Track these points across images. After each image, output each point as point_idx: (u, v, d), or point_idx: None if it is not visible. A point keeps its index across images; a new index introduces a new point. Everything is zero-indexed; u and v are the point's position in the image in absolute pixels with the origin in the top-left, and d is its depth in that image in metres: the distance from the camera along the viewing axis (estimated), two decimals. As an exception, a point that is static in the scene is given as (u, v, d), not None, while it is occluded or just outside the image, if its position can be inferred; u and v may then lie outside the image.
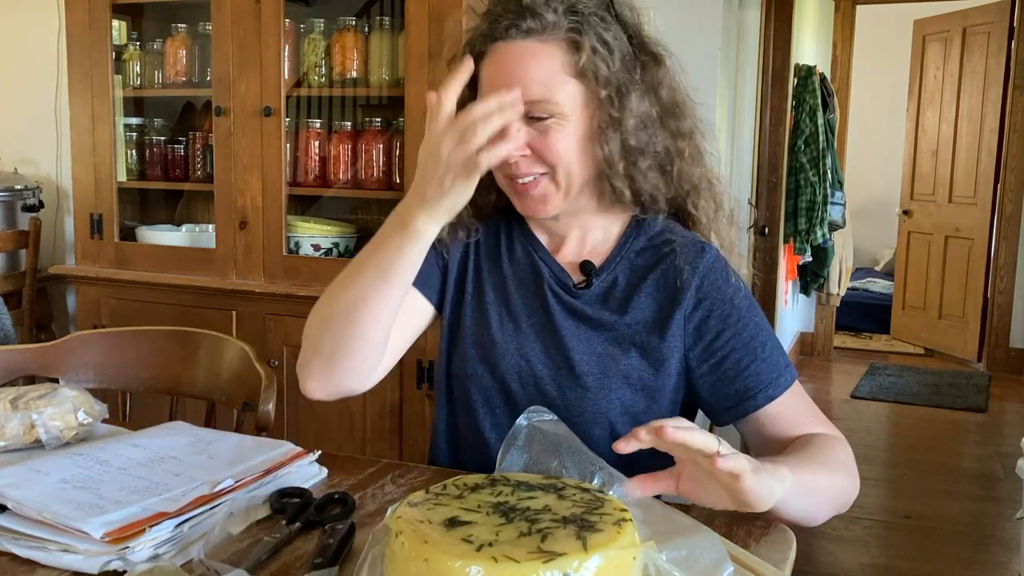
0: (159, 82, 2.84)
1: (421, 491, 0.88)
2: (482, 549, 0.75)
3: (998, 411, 4.68)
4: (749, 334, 1.16)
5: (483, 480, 0.90)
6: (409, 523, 0.80)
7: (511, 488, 0.88)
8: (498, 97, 0.98)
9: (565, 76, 1.13)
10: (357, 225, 2.75)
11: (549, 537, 0.77)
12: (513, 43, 1.14)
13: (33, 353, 1.69)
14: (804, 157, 4.49)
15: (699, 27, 2.59)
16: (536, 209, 1.19)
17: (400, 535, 0.78)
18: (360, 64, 2.57)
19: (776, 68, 3.90)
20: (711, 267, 1.18)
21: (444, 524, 0.80)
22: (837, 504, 1.09)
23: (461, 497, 0.86)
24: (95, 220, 2.78)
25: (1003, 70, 5.29)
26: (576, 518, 0.81)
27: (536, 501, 0.85)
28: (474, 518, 0.81)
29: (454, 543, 0.76)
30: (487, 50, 1.15)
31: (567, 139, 1.14)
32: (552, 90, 1.13)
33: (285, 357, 2.53)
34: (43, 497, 1.00)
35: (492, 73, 1.15)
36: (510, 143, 1.00)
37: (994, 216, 5.38)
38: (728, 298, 1.17)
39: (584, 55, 1.13)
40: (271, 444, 1.22)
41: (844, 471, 1.10)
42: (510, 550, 0.75)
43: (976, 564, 2.93)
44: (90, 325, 2.72)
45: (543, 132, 1.14)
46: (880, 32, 6.77)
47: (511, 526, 0.80)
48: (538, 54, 1.13)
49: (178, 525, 0.97)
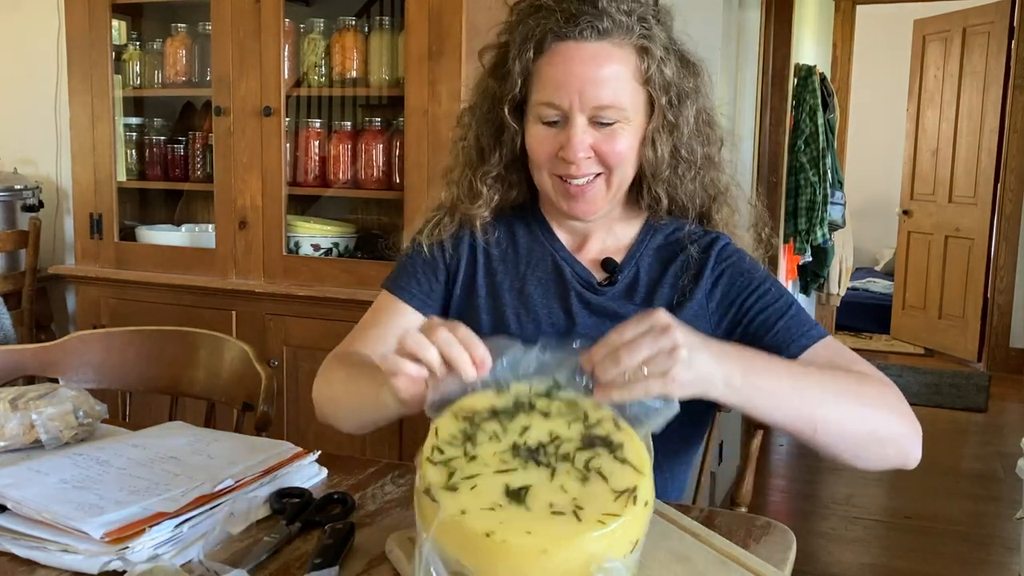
0: (159, 82, 2.83)
1: (431, 448, 0.86)
2: (577, 515, 0.78)
3: (998, 411, 4.68)
4: (773, 297, 1.17)
5: (488, 408, 0.89)
6: (486, 515, 0.78)
7: (514, 416, 0.88)
8: (472, 363, 0.89)
9: (633, 82, 1.14)
10: (357, 225, 2.75)
11: (603, 472, 0.83)
12: (586, 44, 1.12)
13: (33, 353, 1.68)
14: (804, 157, 4.49)
15: (699, 27, 2.57)
16: (586, 211, 1.20)
17: (492, 535, 0.76)
18: (360, 64, 2.57)
19: (776, 68, 3.90)
20: (723, 248, 1.22)
21: (507, 496, 0.80)
22: (858, 425, 1.01)
23: (477, 442, 0.86)
24: (95, 220, 2.78)
25: (1003, 70, 5.29)
26: (595, 438, 0.85)
27: (543, 429, 0.87)
28: (525, 479, 0.82)
29: (548, 521, 0.78)
30: (552, 47, 1.13)
31: (628, 142, 1.16)
32: (622, 95, 1.13)
33: (285, 357, 2.52)
34: (43, 497, 1.00)
35: (561, 73, 1.13)
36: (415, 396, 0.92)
37: (994, 216, 5.38)
38: (745, 270, 1.20)
39: (652, 62, 1.14)
40: (271, 444, 1.22)
41: (874, 394, 1.03)
42: (599, 504, 0.80)
43: (976, 564, 2.93)
44: (90, 325, 2.72)
45: (608, 135, 1.14)
46: (880, 32, 6.77)
47: (561, 474, 0.82)
48: (612, 57, 1.12)
49: (178, 525, 0.97)
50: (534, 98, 1.16)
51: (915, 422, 1.05)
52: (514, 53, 1.16)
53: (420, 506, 0.83)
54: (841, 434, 1.01)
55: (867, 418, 1.02)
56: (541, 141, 1.16)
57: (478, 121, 1.24)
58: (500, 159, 1.23)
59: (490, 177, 1.23)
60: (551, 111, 1.14)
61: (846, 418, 1.01)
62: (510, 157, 1.22)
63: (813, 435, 1.00)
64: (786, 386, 0.98)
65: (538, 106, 1.15)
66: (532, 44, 1.14)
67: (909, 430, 1.04)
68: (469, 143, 1.25)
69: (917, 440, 1.05)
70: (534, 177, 1.22)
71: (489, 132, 1.23)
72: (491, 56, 1.23)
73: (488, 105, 1.22)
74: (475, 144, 1.24)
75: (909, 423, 1.05)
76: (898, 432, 1.04)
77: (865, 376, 1.07)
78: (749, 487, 1.28)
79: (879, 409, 1.03)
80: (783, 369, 1.01)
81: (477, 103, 1.25)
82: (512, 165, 1.24)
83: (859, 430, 1.02)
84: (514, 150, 1.21)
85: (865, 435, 1.02)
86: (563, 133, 1.14)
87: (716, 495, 3.01)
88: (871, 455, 1.04)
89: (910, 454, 1.05)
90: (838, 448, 1.02)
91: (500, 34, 1.22)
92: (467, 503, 0.79)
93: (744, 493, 1.28)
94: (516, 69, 1.15)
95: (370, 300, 2.45)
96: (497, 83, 1.20)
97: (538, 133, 1.17)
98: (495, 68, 1.21)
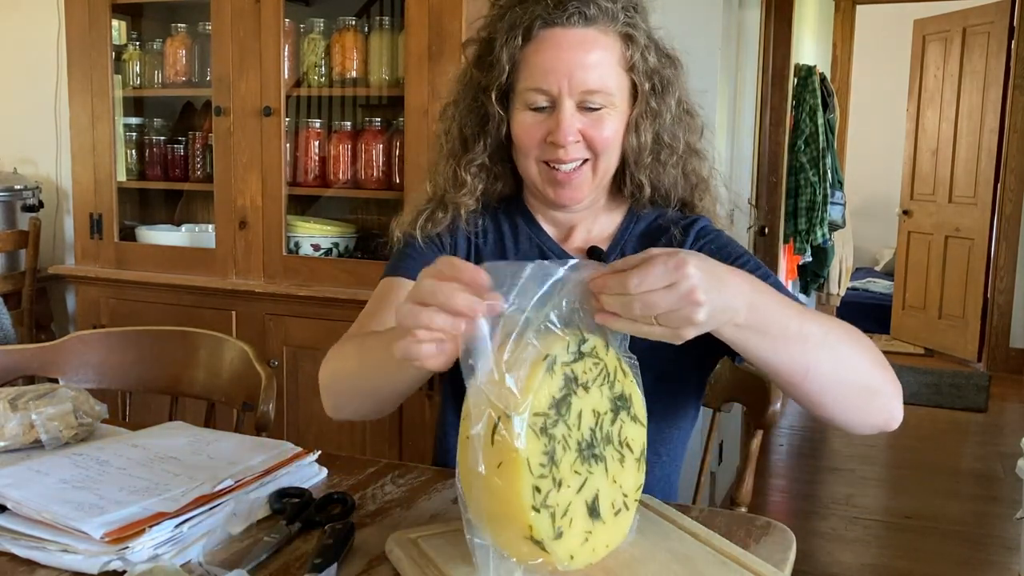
0: (159, 82, 2.83)
1: (531, 491, 0.79)
2: (627, 505, 0.88)
3: (998, 411, 4.68)
4: (750, 269, 1.10)
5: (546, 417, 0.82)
6: (584, 550, 0.85)
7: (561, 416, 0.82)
8: (482, 301, 0.80)
9: (618, 68, 1.16)
10: (357, 225, 2.75)
11: (629, 442, 0.89)
12: (573, 30, 1.14)
13: (33, 353, 1.68)
14: (804, 157, 4.49)
15: (699, 27, 2.58)
16: (572, 197, 1.20)
17: (591, 564, 0.86)
18: (360, 64, 2.57)
19: (776, 68, 3.90)
20: (703, 228, 1.23)
21: (589, 515, 0.85)
22: (850, 373, 0.98)
23: (558, 461, 0.82)
24: (95, 220, 2.78)
25: (1003, 70, 5.30)
26: (617, 400, 0.88)
27: (588, 410, 0.84)
28: (594, 485, 0.85)
29: (615, 523, 0.87)
30: (540, 34, 1.15)
31: (614, 128, 1.17)
32: (608, 80, 1.15)
33: (285, 357, 2.52)
34: (43, 497, 1.00)
35: (549, 59, 1.14)
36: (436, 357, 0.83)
37: (994, 216, 5.38)
38: (723, 246, 1.21)
39: (636, 49, 1.16)
40: (271, 444, 1.22)
41: (866, 345, 1.00)
42: (632, 480, 0.88)
43: (976, 564, 2.93)
44: (90, 325, 2.72)
45: (596, 120, 1.16)
46: (880, 32, 6.78)
47: (609, 462, 0.86)
48: (599, 43, 1.14)
49: (178, 525, 0.97)
50: (521, 85, 1.17)
51: (896, 380, 1.03)
52: (500, 42, 1.17)
53: (515, 545, 0.81)
54: (831, 380, 0.97)
55: (857, 367, 0.99)
56: (528, 128, 1.17)
57: (461, 113, 1.25)
58: (484, 148, 1.23)
59: (474, 165, 1.24)
60: (539, 96, 1.15)
61: (838, 365, 0.97)
62: (494, 146, 1.23)
63: (802, 380, 0.95)
64: (793, 328, 0.93)
65: (526, 92, 1.16)
66: (520, 31, 1.15)
67: (891, 386, 1.02)
68: (453, 134, 1.26)
69: (898, 399, 1.02)
70: (520, 166, 1.23)
71: (473, 122, 1.23)
72: (475, 48, 1.24)
73: (472, 95, 1.23)
74: (459, 135, 1.25)
75: (891, 379, 1.02)
76: (882, 385, 1.01)
77: (850, 327, 1.03)
78: (749, 487, 1.28)
79: (865, 357, 1.00)
80: (793, 310, 0.94)
81: (460, 95, 1.25)
82: (496, 155, 1.24)
83: (849, 378, 0.98)
84: (499, 139, 1.22)
85: (853, 384, 0.99)
86: (551, 118, 1.15)
87: (716, 495, 3.01)
88: (855, 407, 1.00)
89: (893, 411, 1.02)
90: (823, 397, 0.98)
91: (482, 29, 1.23)
92: (572, 546, 0.83)
93: (744, 493, 1.28)
94: (503, 57, 1.16)
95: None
96: (482, 73, 1.20)
97: (525, 120, 1.17)
98: (479, 59, 1.22)
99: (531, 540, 0.80)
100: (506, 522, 0.81)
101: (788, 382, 0.97)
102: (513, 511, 0.79)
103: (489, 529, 0.82)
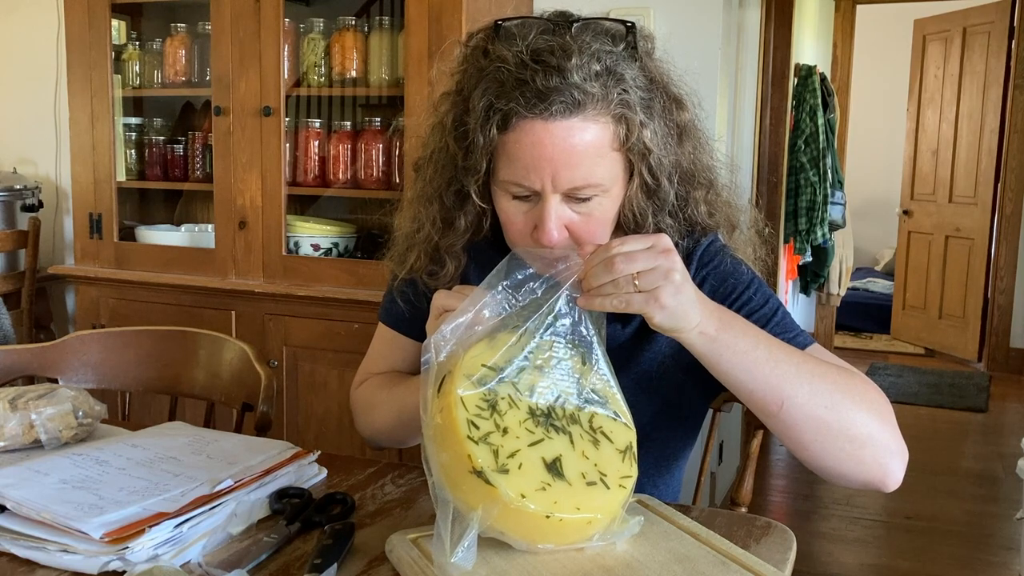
0: (158, 82, 2.83)
1: (466, 424, 0.87)
2: (605, 483, 0.89)
3: (998, 411, 4.68)
4: (757, 304, 1.11)
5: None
6: (542, 497, 0.85)
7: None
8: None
9: (610, 151, 1.02)
10: (356, 225, 2.75)
11: (605, 431, 0.92)
12: (557, 122, 0.98)
13: (32, 353, 1.68)
14: (804, 157, 4.49)
15: (699, 27, 2.58)
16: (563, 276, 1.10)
17: (552, 516, 0.85)
18: (360, 64, 2.57)
19: (776, 68, 3.90)
20: (706, 250, 1.15)
21: (548, 471, 0.87)
22: (829, 413, 0.95)
23: (501, 411, 0.89)
24: (94, 220, 2.78)
25: (1003, 70, 5.29)
26: (589, 392, 0.93)
27: (546, 387, 0.92)
28: (553, 448, 0.88)
29: (588, 493, 0.87)
30: (519, 124, 0.99)
31: (606, 213, 1.06)
32: (598, 170, 1.01)
33: (285, 357, 2.52)
34: (42, 497, 1.00)
35: (530, 156, 0.99)
36: None
37: (994, 216, 5.38)
38: (728, 274, 1.13)
39: (632, 129, 1.02)
40: (271, 444, 1.22)
41: (859, 391, 0.97)
42: (613, 466, 0.90)
43: (976, 564, 2.93)
44: (89, 325, 2.72)
45: (585, 215, 1.04)
46: (880, 32, 6.77)
47: (577, 439, 0.90)
48: (587, 132, 0.99)
49: (177, 525, 0.97)
50: (502, 174, 1.03)
51: (900, 440, 0.98)
52: (475, 123, 1.03)
53: (464, 486, 0.85)
54: (808, 416, 0.95)
55: (842, 410, 0.95)
56: (512, 217, 1.06)
57: (439, 183, 1.13)
58: (467, 227, 1.14)
59: (456, 248, 1.17)
60: (521, 190, 1.03)
61: (816, 402, 0.94)
62: (476, 223, 1.15)
63: (778, 412, 0.95)
64: (761, 352, 0.95)
65: (506, 183, 1.04)
66: (496, 120, 1.00)
67: (891, 442, 0.97)
68: (432, 200, 1.15)
69: (899, 458, 0.98)
70: (506, 239, 1.11)
71: (452, 199, 1.13)
72: (450, 109, 1.10)
73: (451, 173, 1.11)
74: (439, 207, 1.15)
75: (892, 435, 0.98)
76: (878, 437, 0.96)
77: (858, 376, 1.00)
78: (749, 487, 1.28)
79: (858, 404, 0.96)
80: (763, 337, 0.97)
81: (437, 159, 1.14)
82: (481, 212, 1.14)
83: (829, 418, 0.95)
84: (479, 220, 1.14)
85: (835, 426, 0.95)
86: (536, 210, 1.03)
87: (716, 495, 3.01)
88: (840, 453, 0.96)
89: (888, 467, 0.97)
90: (802, 435, 0.96)
91: (459, 82, 1.09)
92: (522, 485, 0.85)
93: (744, 493, 1.28)
94: (479, 143, 1.02)
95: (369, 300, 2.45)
96: (460, 150, 1.07)
97: (509, 208, 1.06)
98: (456, 128, 1.08)
99: (474, 473, 0.84)
100: (452, 462, 0.86)
101: (764, 411, 0.97)
102: (452, 443, 0.86)
103: (446, 482, 0.86)
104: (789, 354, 0.97)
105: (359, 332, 2.40)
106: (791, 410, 0.95)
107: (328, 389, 2.49)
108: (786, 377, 0.95)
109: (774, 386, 0.95)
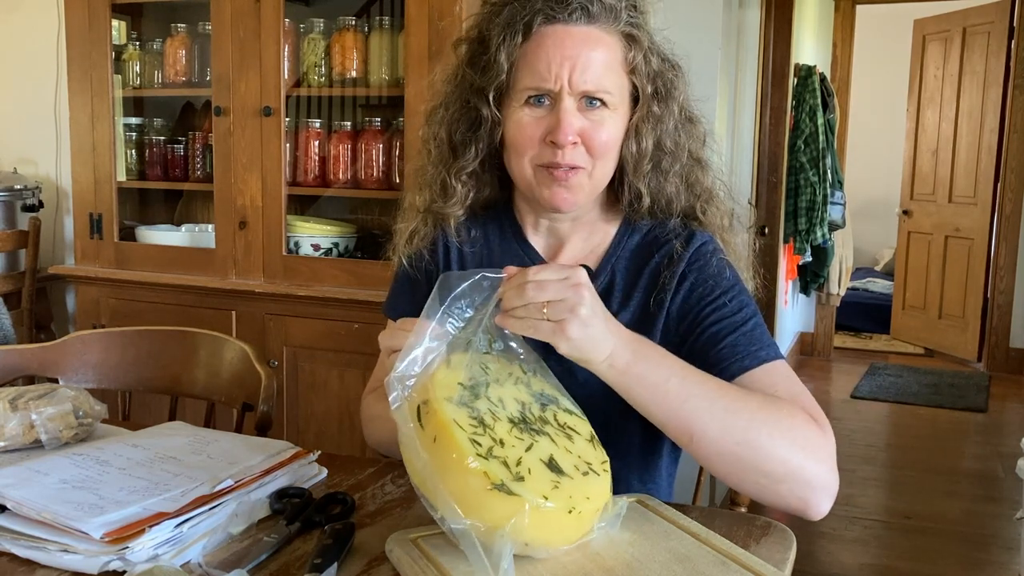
0: (159, 82, 2.83)
1: (470, 443, 0.86)
2: (594, 471, 0.91)
3: (998, 411, 4.68)
4: (730, 310, 1.12)
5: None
6: (559, 495, 0.86)
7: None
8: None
9: (620, 69, 1.13)
10: (357, 225, 2.75)
11: (570, 425, 0.95)
12: (575, 27, 1.10)
13: (33, 353, 1.68)
14: (804, 157, 4.49)
15: (699, 27, 2.58)
16: (565, 200, 1.14)
17: (574, 510, 0.86)
18: (360, 64, 2.57)
19: (776, 68, 3.90)
20: (699, 249, 1.17)
21: (551, 471, 0.88)
22: (741, 449, 0.95)
23: (488, 424, 0.89)
24: (95, 220, 2.78)
25: (1003, 70, 5.30)
26: (541, 395, 0.96)
27: (508, 398, 0.93)
28: (543, 449, 0.90)
29: (588, 483, 0.89)
30: (541, 30, 1.11)
31: (613, 132, 1.14)
32: (609, 80, 1.12)
33: (285, 357, 2.52)
34: (43, 497, 1.00)
35: (551, 55, 1.10)
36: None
37: (994, 216, 5.38)
38: (710, 276, 1.15)
39: (638, 51, 1.13)
40: (271, 444, 1.22)
41: (785, 426, 0.96)
42: (590, 454, 0.93)
43: (976, 564, 2.93)
44: (90, 325, 2.72)
45: (596, 123, 1.12)
46: (880, 32, 6.78)
47: (555, 437, 0.92)
48: (603, 42, 1.11)
49: (178, 525, 0.97)
50: (519, 84, 1.12)
51: (828, 473, 0.97)
52: (497, 40, 1.12)
53: (487, 505, 0.84)
54: (720, 452, 0.96)
55: (757, 445, 0.95)
56: (526, 126, 1.12)
57: (451, 116, 1.20)
58: (476, 154, 1.19)
59: (465, 173, 1.20)
60: (538, 92, 1.11)
61: (728, 438, 0.95)
62: (486, 152, 1.19)
63: (688, 444, 0.97)
64: (673, 387, 0.95)
65: (524, 91, 1.12)
66: (519, 27, 1.11)
67: (814, 477, 0.96)
68: (441, 139, 1.21)
69: (825, 493, 0.97)
70: (513, 170, 1.17)
71: (464, 127, 1.19)
72: (466, 48, 1.19)
73: (464, 98, 1.18)
74: (448, 140, 1.21)
75: (816, 469, 0.96)
76: (797, 473, 0.96)
77: (788, 407, 0.99)
78: (749, 487, 1.28)
79: (780, 441, 0.96)
80: (679, 371, 0.97)
81: (450, 98, 1.21)
82: (487, 160, 1.20)
83: (742, 453, 0.95)
84: (491, 144, 1.18)
85: (750, 461, 0.96)
86: (551, 116, 1.11)
87: (716, 495, 3.01)
88: (755, 487, 0.97)
89: (810, 501, 0.97)
90: (716, 467, 0.98)
91: (473, 27, 1.18)
92: (539, 488, 0.85)
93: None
94: (501, 56, 1.12)
95: (370, 300, 2.45)
96: (476, 73, 1.16)
97: (522, 119, 1.13)
98: (472, 59, 1.17)
99: (496, 489, 0.83)
100: (466, 485, 0.84)
101: (678, 441, 0.99)
102: (464, 467, 0.84)
103: (460, 508, 0.84)
104: (705, 388, 0.97)
105: (359, 332, 2.40)
106: (702, 443, 0.96)
107: (328, 389, 2.49)
108: (697, 412, 0.96)
109: (683, 419, 0.96)
